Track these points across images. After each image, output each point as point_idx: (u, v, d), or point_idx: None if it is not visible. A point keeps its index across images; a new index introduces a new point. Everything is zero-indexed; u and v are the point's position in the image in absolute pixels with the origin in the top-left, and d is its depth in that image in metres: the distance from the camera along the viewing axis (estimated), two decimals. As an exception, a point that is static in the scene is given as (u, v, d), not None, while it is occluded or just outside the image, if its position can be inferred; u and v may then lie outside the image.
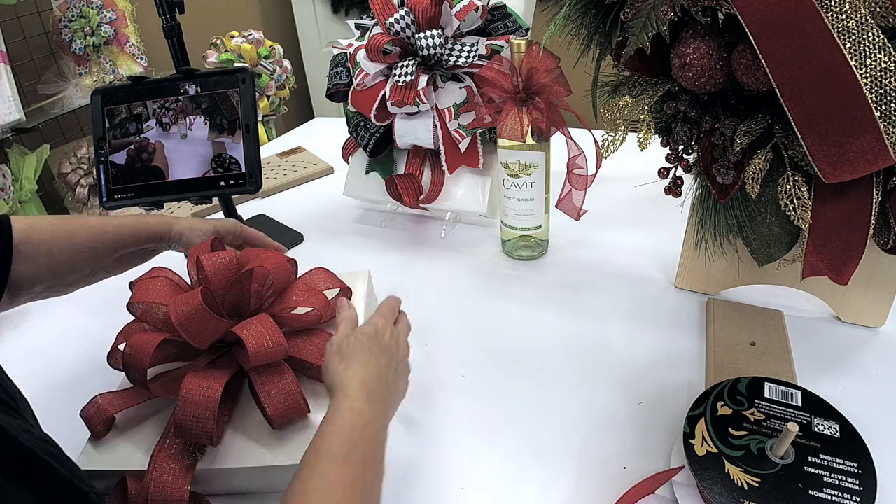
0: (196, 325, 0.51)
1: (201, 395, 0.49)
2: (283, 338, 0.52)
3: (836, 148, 0.44)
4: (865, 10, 0.41)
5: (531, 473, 0.52)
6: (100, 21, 1.73)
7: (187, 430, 0.49)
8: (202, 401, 0.49)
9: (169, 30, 0.79)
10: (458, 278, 0.79)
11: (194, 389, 0.49)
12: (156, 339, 0.52)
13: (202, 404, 0.49)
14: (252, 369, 0.52)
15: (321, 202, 1.04)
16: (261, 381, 0.52)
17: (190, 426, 0.48)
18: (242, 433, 0.53)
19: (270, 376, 0.52)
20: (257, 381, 0.52)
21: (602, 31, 0.55)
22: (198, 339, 0.52)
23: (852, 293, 0.63)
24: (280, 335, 0.52)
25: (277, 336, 0.52)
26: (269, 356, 0.52)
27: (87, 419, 0.52)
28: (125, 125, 0.78)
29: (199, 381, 0.50)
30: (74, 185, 1.79)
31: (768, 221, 0.57)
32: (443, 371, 0.64)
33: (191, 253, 0.62)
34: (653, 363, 0.62)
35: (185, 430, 0.49)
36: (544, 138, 0.71)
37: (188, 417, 0.49)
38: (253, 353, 0.50)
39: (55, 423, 0.62)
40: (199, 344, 0.52)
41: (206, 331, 0.52)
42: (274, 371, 0.52)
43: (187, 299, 0.51)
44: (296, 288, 0.60)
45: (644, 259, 0.79)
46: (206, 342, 0.53)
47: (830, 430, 0.47)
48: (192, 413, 0.49)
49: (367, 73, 0.81)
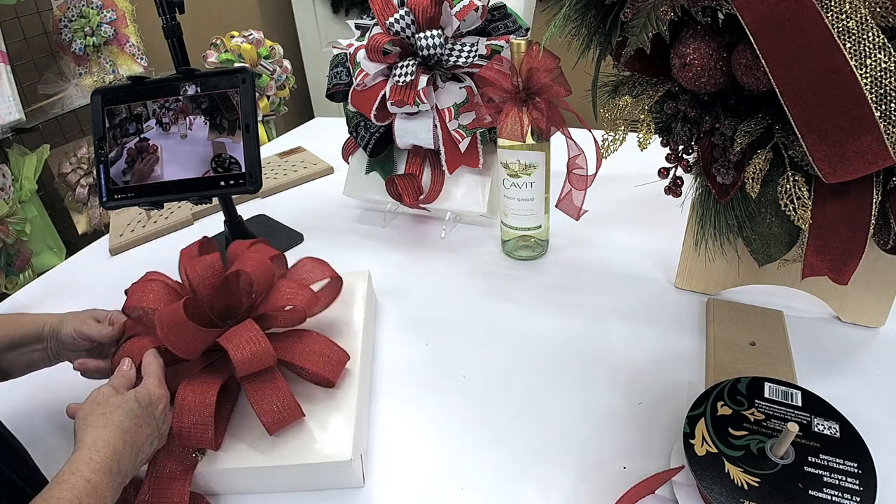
0: (181, 338, 0.51)
1: (196, 402, 0.49)
2: (269, 345, 0.51)
3: (836, 148, 0.44)
4: (865, 10, 0.41)
5: (531, 473, 0.52)
6: (100, 21, 1.73)
7: (186, 436, 0.49)
8: (198, 407, 0.49)
9: (169, 30, 0.79)
10: (458, 278, 0.79)
11: (189, 396, 0.49)
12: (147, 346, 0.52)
13: (198, 410, 0.49)
14: (243, 378, 0.52)
15: (321, 202, 1.04)
16: (252, 389, 0.51)
17: (189, 433, 0.48)
18: (242, 434, 0.53)
19: (261, 384, 0.51)
20: (249, 390, 0.51)
21: (602, 31, 0.55)
22: (185, 351, 0.51)
23: (852, 293, 0.63)
24: (266, 342, 0.51)
25: (264, 344, 0.51)
26: (255, 365, 0.51)
27: None
28: (125, 125, 0.78)
29: (193, 388, 0.50)
30: (74, 185, 1.79)
31: (768, 221, 0.57)
32: (443, 371, 0.64)
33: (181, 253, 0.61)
34: (653, 363, 0.62)
35: (185, 436, 0.49)
36: (544, 138, 0.71)
37: (186, 424, 0.49)
38: (239, 364, 0.50)
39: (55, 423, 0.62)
40: (188, 355, 0.52)
41: (193, 343, 0.52)
42: (265, 378, 0.52)
43: (171, 312, 0.51)
44: (283, 285, 0.59)
45: (644, 259, 0.79)
46: (194, 352, 0.53)
47: (830, 430, 0.47)
48: (189, 419, 0.48)
49: (367, 73, 0.81)
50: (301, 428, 0.52)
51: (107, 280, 0.88)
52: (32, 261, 1.64)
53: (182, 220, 1.02)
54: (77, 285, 0.88)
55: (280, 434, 0.52)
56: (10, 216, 1.54)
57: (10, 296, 0.88)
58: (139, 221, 1.02)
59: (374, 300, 0.74)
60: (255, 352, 0.50)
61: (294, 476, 0.51)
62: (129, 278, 0.59)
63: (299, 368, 0.55)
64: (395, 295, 0.77)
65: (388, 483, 0.53)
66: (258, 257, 0.58)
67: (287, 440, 0.51)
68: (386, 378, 0.64)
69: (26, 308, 0.84)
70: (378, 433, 0.57)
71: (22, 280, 1.58)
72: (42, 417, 0.63)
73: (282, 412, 0.51)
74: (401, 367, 0.65)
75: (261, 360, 0.51)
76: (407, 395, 0.61)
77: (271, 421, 0.50)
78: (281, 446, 0.51)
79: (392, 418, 0.59)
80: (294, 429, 0.52)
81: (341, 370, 0.56)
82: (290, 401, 0.51)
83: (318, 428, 0.52)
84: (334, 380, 0.55)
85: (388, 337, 0.70)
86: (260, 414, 0.50)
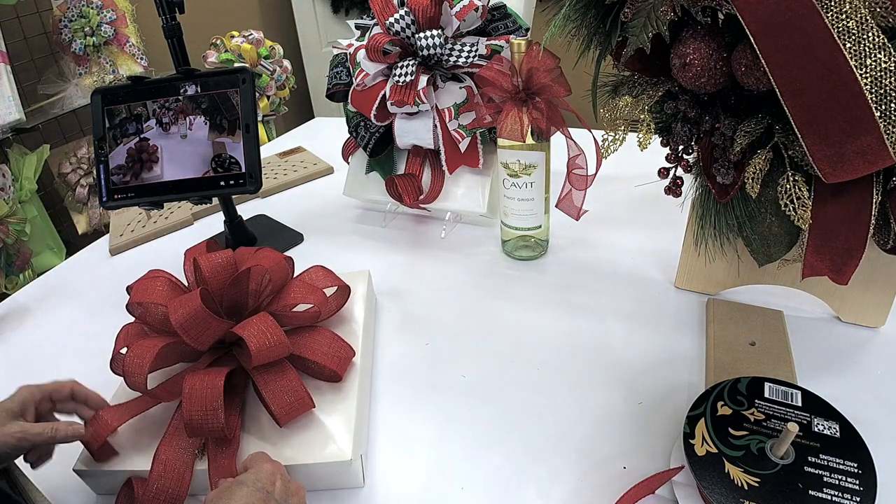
0: (196, 326, 0.51)
1: (204, 389, 0.49)
2: (284, 336, 0.52)
3: (836, 148, 0.44)
4: (865, 10, 0.41)
5: (531, 473, 0.52)
6: (100, 21, 1.73)
7: (197, 426, 0.49)
8: (207, 395, 0.49)
9: (169, 30, 0.79)
10: (458, 278, 0.79)
11: (197, 384, 0.49)
12: (155, 345, 0.51)
13: (207, 398, 0.49)
14: (255, 369, 0.52)
15: (321, 202, 1.04)
16: (264, 380, 0.52)
17: (199, 422, 0.48)
18: (242, 433, 0.53)
19: (273, 375, 0.52)
20: (260, 381, 0.52)
21: (602, 31, 0.55)
22: (198, 340, 0.52)
23: (852, 293, 0.63)
24: (281, 333, 0.52)
25: (279, 334, 0.52)
26: (271, 355, 0.52)
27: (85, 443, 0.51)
28: (125, 125, 0.78)
29: (200, 377, 0.50)
30: (74, 185, 1.79)
31: (768, 221, 0.57)
32: (443, 371, 0.64)
33: (186, 254, 0.61)
34: (653, 363, 0.62)
35: (195, 427, 0.49)
36: (544, 138, 0.71)
37: (196, 412, 0.48)
38: (255, 352, 0.50)
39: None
40: (200, 345, 0.52)
41: (207, 332, 0.52)
42: (276, 370, 0.53)
43: (186, 301, 0.51)
44: (294, 285, 0.60)
45: (644, 259, 0.79)
46: (207, 343, 0.53)
47: (830, 430, 0.47)
48: (198, 407, 0.48)
49: (367, 73, 0.81)
50: (301, 428, 0.52)
51: (107, 280, 0.88)
52: (32, 261, 1.64)
53: (182, 220, 1.02)
54: (77, 285, 0.88)
55: (283, 433, 0.52)
56: (10, 216, 1.54)
57: (10, 296, 0.88)
58: (139, 221, 1.02)
59: (374, 300, 0.74)
60: (271, 341, 0.51)
61: (294, 476, 0.51)
62: (129, 278, 0.59)
63: (308, 362, 0.55)
64: (395, 295, 0.77)
65: (388, 483, 0.53)
66: (273, 256, 0.60)
67: (287, 440, 0.51)
68: (386, 378, 0.64)
69: (26, 308, 0.84)
70: (378, 433, 0.57)
71: (22, 280, 1.58)
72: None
73: (293, 403, 0.51)
74: (401, 367, 0.65)
75: (276, 350, 0.52)
76: (407, 395, 0.61)
77: (283, 412, 0.51)
78: (281, 446, 0.51)
79: (392, 418, 0.59)
80: (294, 429, 0.52)
81: (348, 365, 0.57)
82: (301, 391, 0.52)
83: (319, 428, 0.52)
84: (342, 373, 0.56)
85: (388, 337, 0.70)
86: (272, 405, 0.51)
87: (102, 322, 0.77)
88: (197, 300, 0.51)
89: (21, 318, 0.82)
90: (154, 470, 0.49)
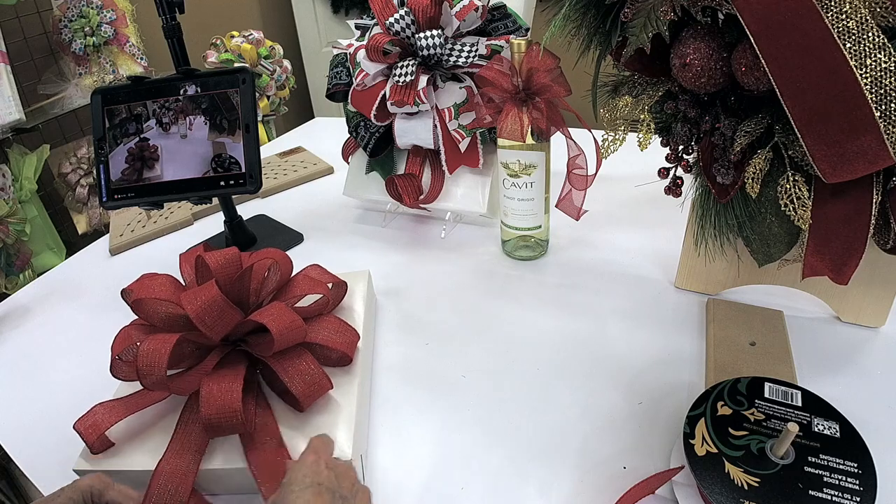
0: (213, 316, 0.52)
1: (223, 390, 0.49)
2: (300, 319, 0.54)
3: (836, 148, 0.44)
4: (865, 10, 0.41)
5: (531, 473, 0.52)
6: (100, 21, 1.73)
7: (216, 426, 0.49)
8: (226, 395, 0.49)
9: (169, 30, 0.79)
10: (458, 278, 0.79)
11: (214, 387, 0.50)
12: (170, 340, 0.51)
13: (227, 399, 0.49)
14: (272, 356, 0.53)
15: (321, 202, 1.04)
16: (282, 366, 0.53)
17: (219, 421, 0.49)
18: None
19: (291, 360, 0.53)
20: (279, 367, 0.53)
21: (602, 31, 0.55)
22: (215, 330, 0.52)
23: (852, 293, 0.63)
24: (298, 317, 0.54)
25: (295, 318, 0.54)
26: (291, 339, 0.53)
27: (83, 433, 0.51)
28: (125, 125, 0.78)
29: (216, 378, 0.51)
30: (74, 185, 1.79)
31: (768, 221, 0.57)
32: (443, 371, 0.64)
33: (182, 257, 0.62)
34: (653, 363, 0.62)
35: (216, 426, 0.49)
36: (544, 138, 0.71)
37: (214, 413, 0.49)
38: (277, 335, 0.51)
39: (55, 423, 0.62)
40: (216, 335, 0.53)
41: (222, 322, 0.53)
42: (293, 355, 0.54)
43: (202, 291, 0.52)
44: (296, 280, 0.61)
45: (644, 259, 0.79)
46: (221, 334, 0.54)
47: (830, 430, 0.47)
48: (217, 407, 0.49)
49: (367, 73, 0.81)
50: (301, 428, 0.52)
51: (107, 280, 0.88)
52: (32, 261, 1.64)
53: (182, 220, 1.02)
54: (77, 285, 0.88)
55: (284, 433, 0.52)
56: (10, 216, 1.54)
57: (11, 296, 0.88)
58: (139, 221, 1.02)
59: (374, 300, 0.74)
60: (289, 324, 0.52)
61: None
62: (129, 278, 0.59)
63: (316, 347, 0.56)
64: (395, 295, 0.77)
65: (388, 483, 0.53)
66: (278, 252, 0.61)
67: (287, 440, 0.51)
68: (386, 378, 0.64)
69: (26, 308, 0.84)
70: (378, 433, 0.57)
71: (22, 280, 1.58)
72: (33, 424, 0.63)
73: (312, 385, 0.52)
74: (401, 367, 0.65)
75: (295, 333, 0.53)
76: (407, 395, 0.61)
77: (304, 394, 0.52)
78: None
79: (392, 418, 0.59)
80: (294, 429, 0.52)
81: (355, 349, 0.59)
82: (319, 373, 0.53)
83: (319, 428, 0.52)
84: (352, 354, 0.58)
85: (388, 337, 0.70)
86: (294, 389, 0.51)
87: (102, 322, 0.77)
88: (214, 289, 0.52)
89: (21, 318, 0.82)
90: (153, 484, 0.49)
